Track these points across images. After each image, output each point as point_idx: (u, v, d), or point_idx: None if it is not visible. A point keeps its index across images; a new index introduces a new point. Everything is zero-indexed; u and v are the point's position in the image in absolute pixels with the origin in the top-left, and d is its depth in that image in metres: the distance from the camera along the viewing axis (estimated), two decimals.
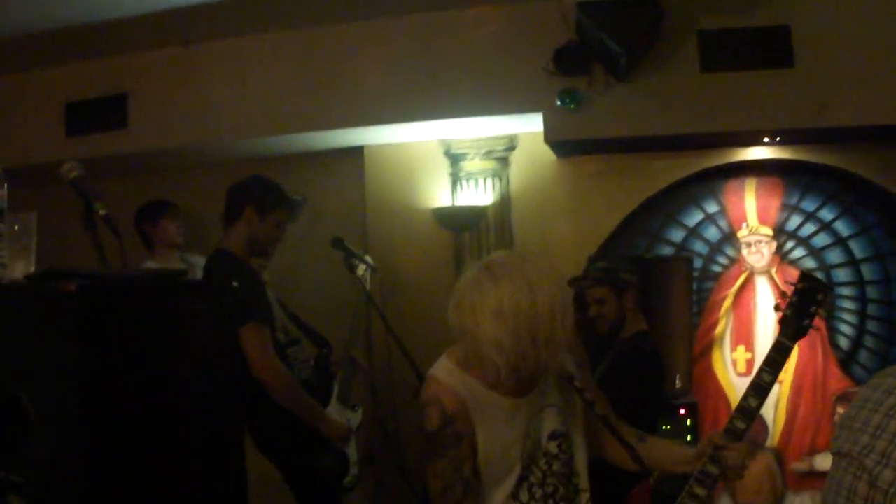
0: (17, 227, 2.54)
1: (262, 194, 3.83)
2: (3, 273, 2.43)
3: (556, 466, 2.27)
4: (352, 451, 4.05)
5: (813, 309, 2.27)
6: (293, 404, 3.69)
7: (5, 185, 2.47)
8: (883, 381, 1.64)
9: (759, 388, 2.27)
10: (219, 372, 2.67)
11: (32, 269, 2.52)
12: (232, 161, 5.53)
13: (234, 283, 3.55)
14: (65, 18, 4.73)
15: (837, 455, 1.64)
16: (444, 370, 2.24)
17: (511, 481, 2.21)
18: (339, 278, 4.64)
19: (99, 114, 5.25)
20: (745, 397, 2.29)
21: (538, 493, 2.24)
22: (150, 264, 4.78)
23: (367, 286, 4.49)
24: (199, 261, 4.40)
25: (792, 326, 2.27)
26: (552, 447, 2.27)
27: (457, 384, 2.19)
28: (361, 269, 4.47)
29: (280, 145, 5.26)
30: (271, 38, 5.04)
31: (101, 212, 2.65)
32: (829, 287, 2.42)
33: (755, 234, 4.91)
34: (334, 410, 4.00)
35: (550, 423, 2.29)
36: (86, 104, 5.30)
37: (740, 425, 2.26)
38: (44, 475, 2.16)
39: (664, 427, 4.00)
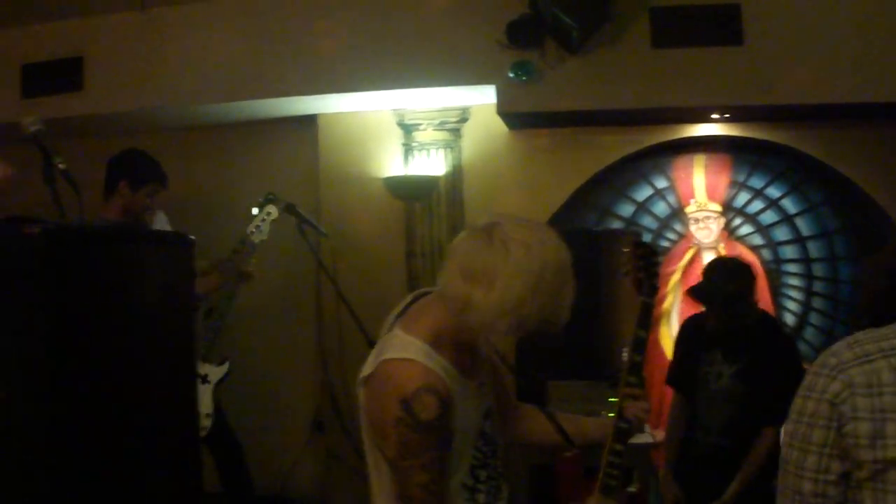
0: None
1: (135, 170, 5.01)
2: None
3: (490, 446, 2.52)
4: (204, 404, 5.15)
5: (654, 269, 3.08)
6: None
7: None
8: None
9: (640, 344, 2.98)
10: (172, 313, 3.39)
11: None
12: (187, 126, 6.72)
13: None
14: None
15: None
16: (420, 352, 2.32)
17: (465, 467, 2.42)
18: (292, 243, 5.69)
19: (55, 76, 6.36)
20: (630, 355, 2.97)
21: (482, 475, 2.47)
22: None
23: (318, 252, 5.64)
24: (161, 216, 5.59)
25: (647, 286, 3.05)
26: (487, 426, 2.52)
27: (438, 368, 2.31)
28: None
29: (235, 112, 6.34)
30: (228, 5, 6.06)
31: (61, 165, 3.54)
32: (657, 250, 3.35)
33: (703, 210, 5.99)
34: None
35: (484, 401, 2.53)
36: (42, 66, 6.40)
37: (634, 380, 2.94)
38: (5, 412, 2.72)
39: (611, 399, 5.10)
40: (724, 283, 4.18)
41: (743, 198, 6.05)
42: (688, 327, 4.78)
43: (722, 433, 4.26)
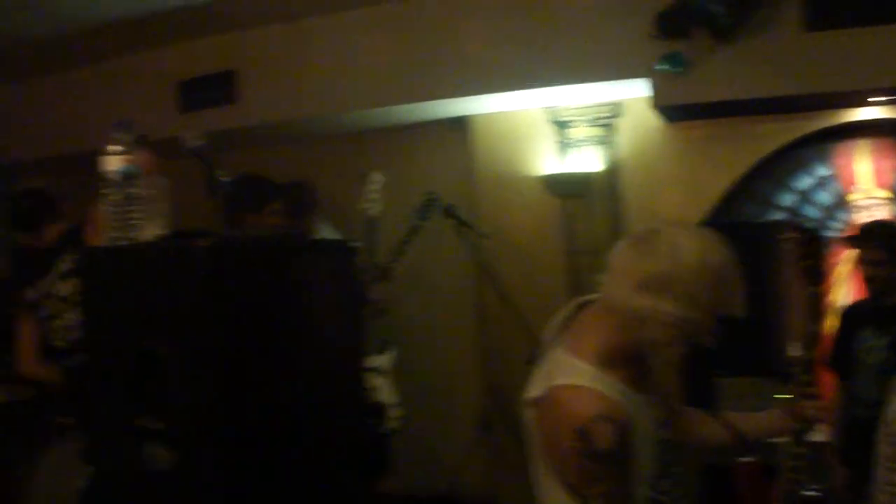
0: (148, 192, 3.36)
1: (252, 197, 4.87)
2: (137, 234, 3.22)
3: (670, 454, 2.46)
4: (389, 394, 5.30)
5: (820, 257, 3.02)
6: None
7: (140, 153, 3.36)
8: None
9: (811, 339, 2.91)
10: (340, 322, 3.50)
11: (163, 231, 3.34)
12: (340, 133, 6.94)
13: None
14: None
15: None
16: (589, 376, 2.28)
17: (647, 481, 2.36)
18: (451, 245, 5.95)
19: (209, 90, 6.66)
20: (802, 351, 2.88)
21: (665, 485, 2.42)
22: None
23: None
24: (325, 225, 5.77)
25: (814, 274, 2.96)
26: (665, 434, 2.46)
27: (610, 391, 2.26)
28: None
29: (386, 117, 6.50)
30: (375, 11, 6.20)
31: (222, 178, 3.80)
32: (822, 236, 3.30)
33: (869, 198, 5.86)
34: None
35: (661, 409, 2.47)
36: (197, 81, 6.72)
37: (806, 378, 2.87)
38: (181, 421, 2.84)
39: (779, 396, 5.10)
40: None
41: None
42: (847, 312, 4.94)
43: (879, 406, 4.25)
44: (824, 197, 6.06)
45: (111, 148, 3.14)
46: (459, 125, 6.57)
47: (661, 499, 2.41)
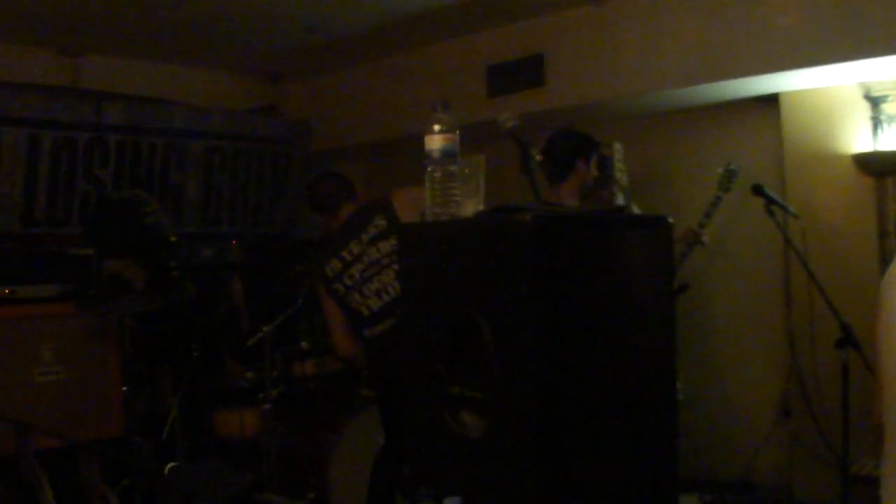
0: (467, 170, 3.43)
1: (585, 145, 5.17)
2: (458, 210, 3.29)
3: None
4: None
5: None
6: None
7: (458, 132, 3.37)
8: None
9: None
10: (655, 300, 3.41)
11: (481, 206, 3.42)
12: (646, 113, 7.00)
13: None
14: None
15: None
16: None
17: None
18: (758, 224, 5.81)
19: (517, 74, 6.91)
20: None
21: None
22: None
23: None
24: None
25: None
26: None
27: None
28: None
29: (693, 96, 6.46)
30: None
31: (537, 157, 3.94)
32: None
33: None
34: None
35: None
36: (505, 66, 7.00)
37: None
38: (497, 393, 2.87)
39: None
40: None
41: None
42: None
43: None
44: None
45: (432, 127, 3.32)
46: (768, 102, 6.44)
47: None
